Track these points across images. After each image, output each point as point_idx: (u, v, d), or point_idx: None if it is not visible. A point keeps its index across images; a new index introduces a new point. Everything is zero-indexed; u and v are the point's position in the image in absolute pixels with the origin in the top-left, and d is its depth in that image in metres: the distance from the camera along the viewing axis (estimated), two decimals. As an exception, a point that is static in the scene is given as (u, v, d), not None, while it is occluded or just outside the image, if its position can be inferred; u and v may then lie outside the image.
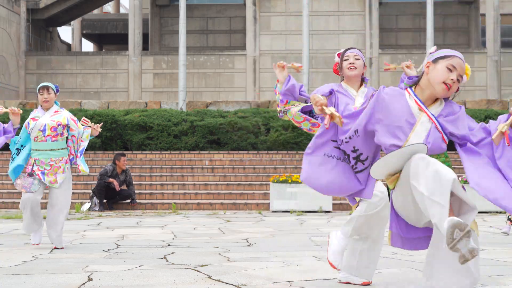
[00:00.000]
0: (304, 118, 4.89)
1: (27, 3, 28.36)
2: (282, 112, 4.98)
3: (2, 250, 7.20)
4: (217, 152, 17.26)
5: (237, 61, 27.28)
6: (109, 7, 41.89)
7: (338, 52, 5.19)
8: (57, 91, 7.50)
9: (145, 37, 29.40)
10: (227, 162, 16.70)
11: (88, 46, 53.15)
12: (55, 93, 7.43)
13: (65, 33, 58.77)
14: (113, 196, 14.08)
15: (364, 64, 5.01)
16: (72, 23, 34.37)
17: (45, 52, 28.98)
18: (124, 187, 14.28)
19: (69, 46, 34.81)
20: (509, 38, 32.17)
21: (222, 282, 5.08)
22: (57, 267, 5.90)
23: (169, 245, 7.65)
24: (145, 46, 29.33)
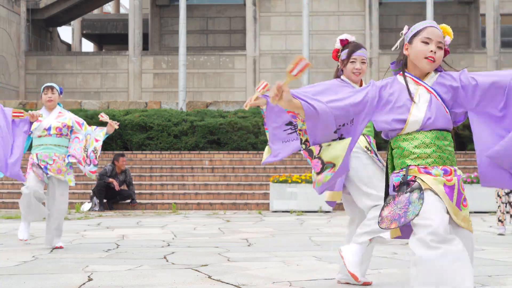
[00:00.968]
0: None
1: (27, 3, 28.36)
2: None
3: (2, 250, 7.21)
4: (217, 152, 17.26)
5: (237, 61, 27.28)
6: (109, 7, 41.90)
7: (341, 38, 5.00)
8: (61, 93, 7.52)
9: (145, 37, 29.41)
10: (227, 162, 16.70)
11: (88, 46, 53.19)
12: (59, 94, 7.44)
13: (65, 33, 58.82)
14: (113, 196, 14.09)
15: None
16: (72, 23, 34.38)
17: (45, 52, 28.98)
18: (124, 187, 14.28)
19: (69, 46, 34.81)
20: (509, 38, 32.18)
21: (222, 282, 5.08)
22: (57, 267, 5.90)
23: (169, 245, 7.65)
24: (145, 46, 29.34)
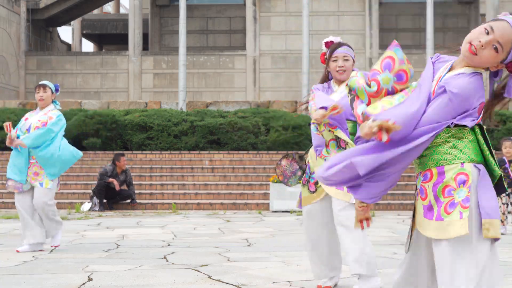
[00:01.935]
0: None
1: (27, 3, 28.36)
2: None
3: (2, 250, 7.20)
4: (217, 152, 17.26)
5: (237, 61, 27.28)
6: (109, 7, 41.90)
7: (325, 40, 4.94)
8: (57, 91, 7.33)
9: (145, 37, 29.41)
10: (227, 162, 16.70)
11: (88, 46, 53.19)
12: (52, 92, 7.24)
13: (65, 33, 58.85)
14: (113, 196, 14.08)
15: (353, 61, 4.85)
16: (72, 23, 34.38)
17: (45, 52, 28.98)
18: (124, 187, 14.28)
19: (69, 46, 34.82)
20: (509, 38, 32.14)
21: (222, 282, 5.08)
22: (57, 267, 5.90)
23: (169, 245, 7.65)
24: (145, 46, 29.34)
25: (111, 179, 13.87)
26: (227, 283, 5.01)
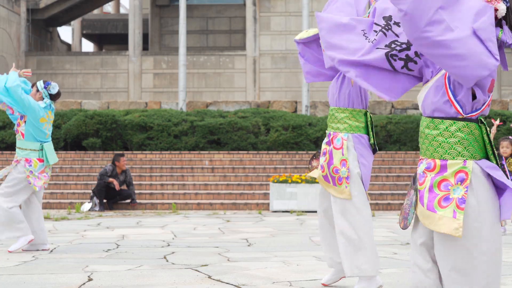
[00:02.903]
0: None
1: (27, 3, 28.36)
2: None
3: (2, 250, 7.21)
4: (217, 152, 17.26)
5: (237, 61, 27.28)
6: (109, 7, 41.90)
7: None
8: (45, 87, 7.21)
9: (145, 37, 29.40)
10: (227, 162, 16.70)
11: (88, 46, 53.20)
12: (38, 90, 7.20)
13: (65, 33, 58.87)
14: (113, 196, 14.09)
15: None
16: (72, 23, 34.38)
17: (45, 52, 28.98)
18: (124, 187, 14.28)
19: (69, 46, 34.82)
20: (509, 38, 32.15)
21: (222, 282, 5.08)
22: (57, 267, 5.90)
23: (169, 245, 7.65)
24: (145, 46, 29.34)
25: (111, 179, 13.87)
26: (227, 283, 5.01)
